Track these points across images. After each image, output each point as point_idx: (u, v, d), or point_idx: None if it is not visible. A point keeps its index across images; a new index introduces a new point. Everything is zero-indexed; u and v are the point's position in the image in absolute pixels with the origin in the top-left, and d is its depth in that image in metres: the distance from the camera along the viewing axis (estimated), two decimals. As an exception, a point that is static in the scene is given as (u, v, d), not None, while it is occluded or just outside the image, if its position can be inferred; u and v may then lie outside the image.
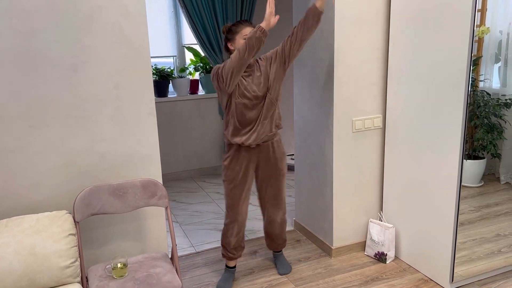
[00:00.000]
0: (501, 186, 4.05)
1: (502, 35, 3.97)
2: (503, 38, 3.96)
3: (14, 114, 2.04)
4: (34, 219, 1.92)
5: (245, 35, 2.32)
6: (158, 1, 4.45)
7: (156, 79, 4.46)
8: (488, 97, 3.95)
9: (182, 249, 3.15)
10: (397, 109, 2.72)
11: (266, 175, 2.53)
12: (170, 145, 4.67)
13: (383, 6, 2.68)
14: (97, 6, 2.08)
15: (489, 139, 3.87)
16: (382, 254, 2.85)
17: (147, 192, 2.19)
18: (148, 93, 2.27)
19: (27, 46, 2.00)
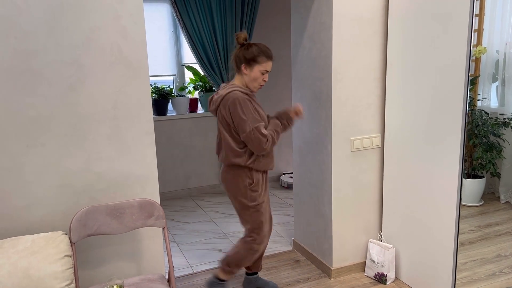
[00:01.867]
0: (501, 205, 4.04)
1: (499, 55, 4.01)
2: (500, 58, 4.00)
3: (11, 133, 2.03)
4: (29, 240, 1.90)
5: (263, 70, 2.27)
6: (158, 21, 4.50)
7: (156, 98, 4.47)
8: (487, 116, 3.96)
9: (179, 269, 3.11)
10: (395, 129, 2.72)
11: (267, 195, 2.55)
12: (169, 163, 4.66)
13: (381, 27, 2.70)
14: (95, 26, 2.09)
15: (488, 158, 3.87)
16: (382, 275, 2.81)
17: (144, 212, 2.17)
18: (146, 113, 2.26)
19: (25, 66, 2.00)
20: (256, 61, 2.26)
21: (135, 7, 2.15)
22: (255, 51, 2.26)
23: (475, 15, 4.00)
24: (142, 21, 2.18)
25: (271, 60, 2.29)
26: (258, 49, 2.27)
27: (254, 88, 2.33)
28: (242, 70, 2.31)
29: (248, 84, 2.32)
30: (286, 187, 4.92)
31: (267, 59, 2.27)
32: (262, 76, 2.29)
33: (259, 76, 2.28)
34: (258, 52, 2.26)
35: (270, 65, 2.29)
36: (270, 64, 2.29)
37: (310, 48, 2.83)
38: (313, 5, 2.74)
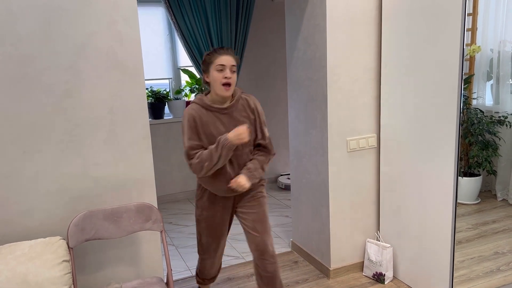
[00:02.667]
0: (498, 203, 4.05)
1: (493, 53, 4.03)
2: (494, 56, 4.02)
3: (8, 140, 2.04)
4: (27, 245, 1.90)
5: (219, 65, 2.05)
6: (153, 25, 4.51)
7: (152, 101, 4.48)
8: (482, 114, 3.98)
9: (178, 272, 3.12)
10: (391, 129, 2.73)
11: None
12: (167, 166, 4.66)
13: (375, 28, 2.72)
14: (91, 32, 2.10)
15: (484, 157, 3.88)
16: (380, 274, 2.82)
17: (141, 216, 2.18)
18: (143, 117, 2.27)
19: (21, 72, 2.01)
20: (209, 63, 2.08)
21: (129, 12, 2.16)
22: (206, 56, 2.11)
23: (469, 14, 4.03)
24: (137, 25, 2.19)
25: (225, 55, 2.06)
26: (209, 52, 2.11)
27: (221, 91, 2.07)
28: (206, 81, 2.15)
29: (215, 91, 2.09)
30: (283, 188, 4.93)
31: (218, 54, 2.06)
32: (221, 74, 2.05)
33: (218, 75, 2.05)
34: (209, 55, 2.10)
35: (224, 59, 2.05)
36: (225, 57, 2.05)
37: (305, 50, 2.84)
38: (307, 7, 2.75)
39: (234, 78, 2.09)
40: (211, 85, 2.12)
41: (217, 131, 2.11)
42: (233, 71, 2.08)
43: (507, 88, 3.98)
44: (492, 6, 3.94)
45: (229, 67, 2.07)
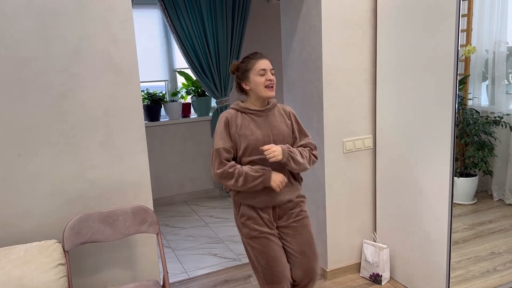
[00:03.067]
0: (494, 203, 4.07)
1: (488, 54, 4.04)
2: (489, 57, 4.04)
3: (3, 142, 2.03)
4: (22, 249, 1.89)
5: (260, 70, 2.04)
6: (149, 27, 4.50)
7: (148, 103, 4.47)
8: (477, 115, 3.99)
9: (175, 275, 3.11)
10: (386, 130, 2.74)
11: None
12: (163, 168, 4.66)
13: (370, 29, 2.72)
14: (86, 34, 2.09)
15: (480, 157, 3.90)
16: (377, 275, 2.82)
17: (137, 218, 2.17)
18: (138, 119, 2.27)
19: (16, 75, 2.00)
20: (248, 70, 2.07)
21: (125, 14, 2.16)
22: (242, 64, 2.11)
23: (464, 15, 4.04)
24: (132, 28, 2.19)
25: (263, 59, 2.08)
26: (244, 60, 2.12)
27: (265, 93, 2.05)
28: (245, 88, 2.11)
29: (258, 94, 2.06)
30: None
31: (256, 60, 2.07)
32: (263, 77, 2.05)
33: (260, 79, 2.05)
34: (244, 62, 2.10)
35: (264, 63, 2.06)
36: (264, 62, 2.07)
37: (300, 51, 2.85)
38: (303, 9, 2.75)
39: (275, 80, 2.10)
40: (251, 91, 2.09)
41: (250, 132, 2.06)
42: (272, 74, 2.09)
43: (503, 89, 3.99)
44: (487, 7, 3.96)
45: (270, 70, 2.08)
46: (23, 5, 1.97)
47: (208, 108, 4.77)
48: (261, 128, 2.08)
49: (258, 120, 2.09)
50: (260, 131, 2.07)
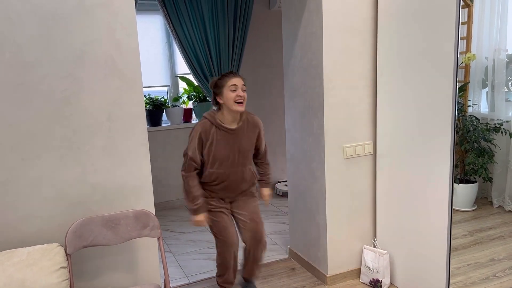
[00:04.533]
0: (494, 210, 4.08)
1: (488, 61, 4.07)
2: (489, 64, 4.06)
3: (6, 146, 2.05)
4: (25, 252, 1.91)
5: (231, 85, 2.36)
6: (151, 32, 4.54)
7: (150, 108, 4.50)
8: (477, 122, 4.01)
9: (175, 280, 3.12)
10: (387, 136, 2.75)
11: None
12: (164, 173, 4.67)
13: (370, 36, 2.75)
14: (90, 40, 2.12)
15: (480, 164, 3.91)
16: (377, 281, 2.83)
17: (139, 223, 2.19)
18: (141, 124, 2.29)
19: (20, 79, 2.03)
20: (221, 86, 2.39)
21: (128, 20, 2.18)
22: (218, 81, 2.42)
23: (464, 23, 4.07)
24: (135, 33, 2.21)
25: (235, 77, 2.38)
26: (220, 77, 2.43)
27: (234, 107, 2.37)
28: (219, 102, 2.43)
29: (229, 108, 2.38)
30: (281, 195, 4.94)
31: (229, 78, 2.38)
32: (233, 93, 2.36)
33: (231, 94, 2.36)
34: (219, 79, 2.42)
35: (236, 80, 2.37)
36: (235, 79, 2.38)
37: (301, 57, 2.87)
38: (304, 15, 2.78)
39: (245, 96, 2.41)
40: (224, 105, 2.41)
41: (220, 149, 2.44)
42: (244, 90, 2.40)
43: (502, 96, 4.02)
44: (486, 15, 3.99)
45: (241, 87, 2.38)
46: (28, 10, 2.00)
47: (209, 113, 4.78)
48: (230, 146, 2.46)
49: (228, 138, 2.45)
50: (229, 148, 2.46)
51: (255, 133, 2.54)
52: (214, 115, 2.44)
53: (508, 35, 3.95)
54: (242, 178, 2.53)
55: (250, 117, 2.53)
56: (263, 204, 2.82)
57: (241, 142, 2.47)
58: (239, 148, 2.47)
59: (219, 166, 2.46)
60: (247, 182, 2.57)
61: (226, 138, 2.44)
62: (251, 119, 2.53)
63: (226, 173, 2.48)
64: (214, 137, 2.42)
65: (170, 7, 4.15)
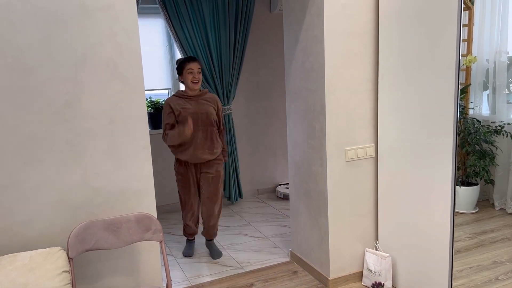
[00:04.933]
0: (496, 212, 4.06)
1: (489, 64, 4.07)
2: (490, 67, 4.06)
3: (8, 150, 2.05)
4: (27, 256, 1.90)
5: (188, 69, 3.14)
6: (152, 36, 4.54)
7: (151, 111, 4.50)
8: (479, 124, 4.01)
9: (177, 283, 3.11)
10: (388, 139, 2.75)
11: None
12: (165, 176, 4.67)
13: (372, 40, 2.75)
14: (91, 43, 2.12)
15: (482, 166, 3.90)
16: (379, 284, 2.82)
17: (141, 226, 2.18)
18: (143, 128, 2.29)
19: (21, 83, 2.03)
20: (181, 68, 3.18)
21: (130, 24, 2.19)
22: (179, 64, 3.20)
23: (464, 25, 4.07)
24: (137, 37, 2.22)
25: (192, 62, 3.14)
26: (180, 60, 3.21)
27: (191, 85, 3.16)
28: (181, 80, 3.24)
29: (187, 85, 3.18)
30: (282, 198, 4.94)
31: (187, 63, 3.15)
32: (190, 75, 3.15)
33: (188, 76, 3.15)
34: (179, 63, 3.18)
35: (192, 65, 3.14)
36: (192, 64, 3.14)
37: (303, 61, 2.88)
38: (305, 19, 2.79)
39: (200, 77, 3.20)
40: (185, 83, 3.20)
41: (185, 110, 3.17)
42: (199, 72, 3.19)
43: (503, 98, 4.01)
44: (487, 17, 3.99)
45: (196, 70, 3.18)
46: (30, 14, 2.00)
47: (210, 116, 4.78)
48: (193, 107, 3.19)
49: (191, 102, 3.21)
50: (192, 108, 3.18)
51: (214, 104, 3.27)
52: (178, 91, 3.24)
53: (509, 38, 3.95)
54: (205, 139, 3.20)
55: (210, 94, 3.30)
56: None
57: (201, 106, 3.20)
58: (200, 110, 3.18)
59: (185, 120, 3.13)
60: (210, 147, 3.23)
61: (189, 102, 3.19)
62: (210, 95, 3.29)
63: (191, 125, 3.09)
64: (179, 103, 3.18)
65: (171, 11, 4.15)
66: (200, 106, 3.19)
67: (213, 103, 3.27)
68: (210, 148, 3.25)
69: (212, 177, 3.33)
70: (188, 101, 3.19)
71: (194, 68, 3.15)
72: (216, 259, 3.49)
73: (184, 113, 3.15)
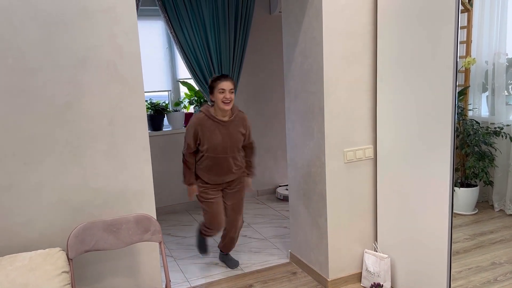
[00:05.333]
0: (495, 213, 4.07)
1: (488, 65, 4.08)
2: (489, 68, 4.07)
3: (9, 151, 2.06)
4: (27, 257, 1.91)
5: (220, 89, 2.87)
6: (152, 38, 4.56)
7: (151, 113, 4.51)
8: (478, 125, 4.02)
9: (176, 284, 3.12)
10: (387, 140, 2.76)
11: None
12: (165, 178, 4.68)
13: (370, 41, 2.77)
14: (91, 45, 2.14)
15: (481, 167, 3.91)
16: (378, 285, 2.83)
17: (140, 227, 2.19)
18: (142, 129, 2.30)
19: (22, 85, 2.04)
20: (213, 87, 2.92)
21: (130, 26, 2.20)
22: (211, 82, 2.94)
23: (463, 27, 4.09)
24: (137, 39, 2.23)
25: (224, 81, 2.87)
26: (213, 78, 2.94)
27: (222, 106, 2.88)
28: (212, 99, 2.96)
29: (218, 105, 2.90)
30: (282, 199, 4.95)
31: (219, 81, 2.88)
32: (221, 95, 2.87)
33: (219, 96, 2.87)
34: (211, 81, 2.94)
35: (224, 85, 2.87)
36: (224, 83, 2.87)
37: (302, 63, 2.89)
38: (304, 21, 2.80)
39: (232, 97, 2.90)
40: (215, 102, 2.93)
41: (213, 137, 2.93)
42: (231, 92, 2.89)
43: (502, 100, 4.02)
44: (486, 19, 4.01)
45: (228, 90, 2.88)
46: (31, 16, 2.02)
47: (210, 118, 4.79)
48: (222, 135, 2.94)
49: (221, 129, 2.95)
50: (220, 138, 2.94)
51: (243, 125, 3.04)
52: (209, 109, 2.95)
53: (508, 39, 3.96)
54: (229, 166, 3.01)
55: (240, 114, 3.05)
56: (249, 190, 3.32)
57: (231, 132, 2.96)
58: (229, 138, 2.95)
59: (212, 151, 2.94)
60: (233, 172, 3.05)
61: (219, 128, 2.93)
62: (240, 115, 3.05)
63: (216, 157, 2.96)
64: (209, 128, 2.92)
65: (171, 13, 4.17)
66: (230, 136, 2.96)
67: (242, 126, 3.03)
68: (235, 169, 3.07)
69: (236, 190, 3.17)
70: (218, 126, 2.93)
71: (226, 87, 2.87)
72: (234, 268, 3.34)
73: (210, 144, 2.93)
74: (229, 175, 3.05)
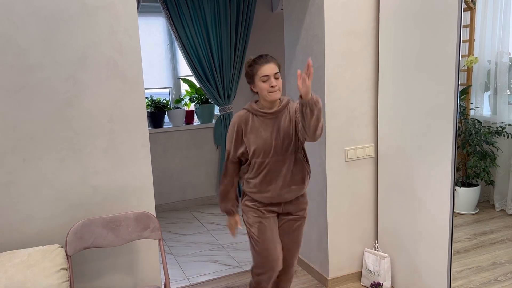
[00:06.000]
0: (496, 213, 4.06)
1: (491, 65, 4.06)
2: (491, 67, 4.05)
3: (8, 148, 2.05)
4: (26, 253, 1.91)
5: (263, 76, 2.10)
6: (153, 34, 4.55)
7: (152, 110, 4.51)
8: (479, 125, 4.00)
9: (176, 281, 3.12)
10: (388, 139, 2.75)
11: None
12: (166, 175, 4.68)
13: (372, 39, 2.75)
14: (92, 42, 2.13)
15: (482, 167, 3.90)
16: (378, 284, 2.82)
17: (140, 224, 2.19)
18: (142, 126, 2.29)
19: (22, 82, 2.03)
20: (253, 75, 2.15)
21: (130, 23, 2.19)
22: (249, 69, 2.17)
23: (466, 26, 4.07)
24: (137, 36, 2.22)
25: (266, 64, 2.11)
26: (249, 63, 2.18)
27: (268, 97, 2.13)
28: (253, 91, 2.22)
29: (263, 98, 2.17)
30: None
31: (260, 66, 2.11)
32: (266, 83, 2.11)
33: (263, 85, 2.11)
34: (249, 66, 2.16)
35: (267, 69, 2.10)
36: (267, 67, 2.10)
37: (303, 60, 2.87)
38: (306, 18, 2.79)
39: (279, 84, 2.14)
40: (259, 94, 2.19)
41: (258, 136, 2.19)
42: (276, 78, 2.13)
43: (505, 99, 4.00)
44: (489, 18, 3.99)
45: (273, 76, 2.12)
46: (30, 13, 2.01)
47: (211, 115, 4.79)
48: (269, 131, 2.18)
49: (267, 122, 2.20)
50: (268, 134, 2.18)
51: (289, 111, 2.22)
52: (252, 104, 2.24)
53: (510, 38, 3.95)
54: (285, 175, 2.19)
55: (291, 104, 2.25)
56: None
57: (281, 126, 2.19)
58: (280, 132, 2.18)
59: (259, 154, 2.18)
60: (291, 187, 2.22)
61: (266, 123, 2.19)
62: (291, 104, 2.25)
63: (266, 162, 2.18)
64: (252, 125, 2.20)
65: (172, 9, 4.16)
66: (279, 129, 2.19)
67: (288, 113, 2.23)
68: (299, 182, 2.24)
69: (296, 222, 2.32)
70: (264, 120, 2.20)
71: (270, 72, 2.10)
72: None
73: (257, 144, 2.18)
74: (287, 189, 2.21)
